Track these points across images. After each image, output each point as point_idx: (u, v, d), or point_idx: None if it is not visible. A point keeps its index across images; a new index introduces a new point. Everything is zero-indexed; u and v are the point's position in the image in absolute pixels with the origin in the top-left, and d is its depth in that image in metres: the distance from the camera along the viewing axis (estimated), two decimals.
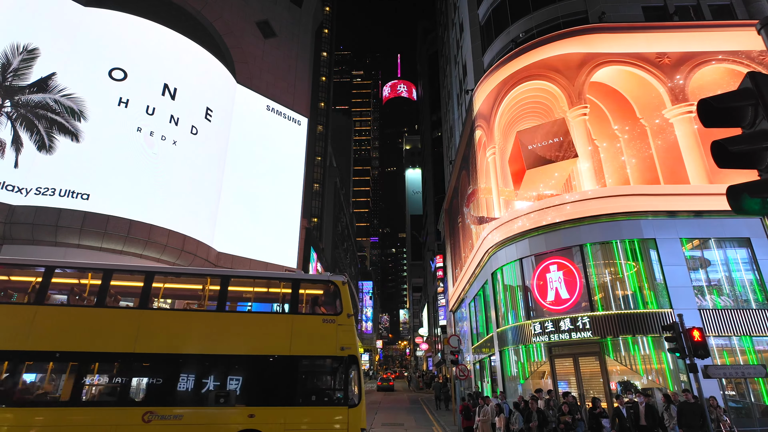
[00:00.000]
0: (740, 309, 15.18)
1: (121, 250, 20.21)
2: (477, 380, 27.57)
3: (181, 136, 23.61)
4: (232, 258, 25.56)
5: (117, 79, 22.24)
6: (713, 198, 15.96)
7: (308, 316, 10.76)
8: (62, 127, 20.35)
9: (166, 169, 22.56)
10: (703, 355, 10.25)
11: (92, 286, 10.33)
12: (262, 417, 9.42)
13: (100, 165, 20.65)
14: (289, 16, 35.34)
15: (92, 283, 10.36)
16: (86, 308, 10.08)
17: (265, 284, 11.99)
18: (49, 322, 9.45)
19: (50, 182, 19.56)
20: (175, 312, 11.43)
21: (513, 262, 19.64)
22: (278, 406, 9.59)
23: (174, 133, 23.32)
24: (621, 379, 16.09)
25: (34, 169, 19.49)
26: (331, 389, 10.08)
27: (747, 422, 13.73)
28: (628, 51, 18.91)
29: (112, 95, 21.91)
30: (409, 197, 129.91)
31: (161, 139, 22.69)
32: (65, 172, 19.93)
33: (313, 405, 9.77)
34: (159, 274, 10.91)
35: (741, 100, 2.83)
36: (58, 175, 19.78)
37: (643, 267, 16.43)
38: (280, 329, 10.33)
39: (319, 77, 55.52)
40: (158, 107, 23.05)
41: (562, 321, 16.52)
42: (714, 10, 20.81)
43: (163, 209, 22.01)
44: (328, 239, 50.88)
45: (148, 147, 22.22)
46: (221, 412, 9.35)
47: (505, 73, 21.23)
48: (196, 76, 25.47)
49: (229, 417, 9.32)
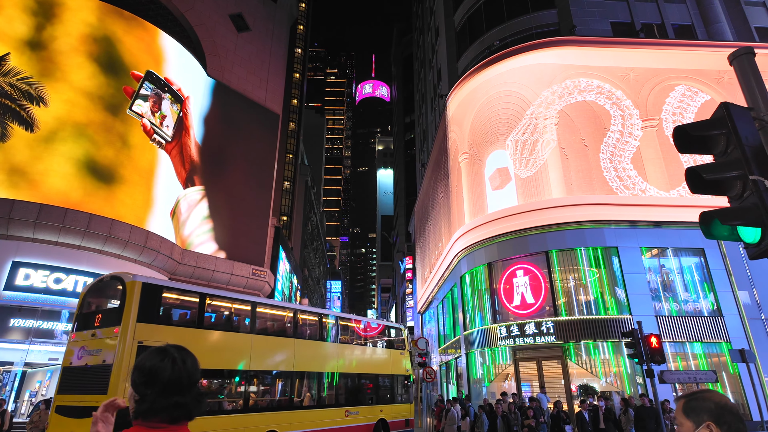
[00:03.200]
0: (693, 316, 15.95)
1: (79, 246, 19.31)
2: (442, 382, 27.86)
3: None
4: (196, 256, 24.87)
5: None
6: (671, 209, 16.75)
7: (395, 350, 18.51)
8: (17, 114, 19.24)
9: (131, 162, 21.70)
10: (659, 361, 10.69)
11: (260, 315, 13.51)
12: (386, 411, 16.51)
13: (58, 155, 19.66)
14: (264, 10, 34.74)
15: (261, 312, 13.67)
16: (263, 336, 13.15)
17: (380, 328, 18.95)
18: (261, 344, 12.80)
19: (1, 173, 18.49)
20: (336, 344, 15.59)
21: (481, 266, 19.95)
22: (388, 404, 16.86)
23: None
24: (581, 382, 16.61)
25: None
26: (402, 393, 17.93)
27: None
28: (597, 64, 19.54)
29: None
30: (380, 198, 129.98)
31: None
32: (20, 161, 18.87)
33: (400, 402, 17.65)
34: (301, 312, 15.05)
35: (714, 129, 2.95)
36: (10, 165, 18.71)
37: (605, 274, 17.02)
38: (386, 358, 17.94)
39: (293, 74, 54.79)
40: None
41: (527, 325, 16.89)
42: (676, 29, 21.79)
43: (123, 204, 21.18)
44: (298, 238, 50.26)
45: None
46: (371, 408, 15.83)
47: (480, 79, 21.54)
48: (166, 66, 24.63)
49: (373, 411, 15.87)
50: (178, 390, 1.56)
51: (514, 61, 20.38)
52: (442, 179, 27.19)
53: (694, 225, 16.58)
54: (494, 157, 20.62)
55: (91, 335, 10.07)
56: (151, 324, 10.13)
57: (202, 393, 1.68)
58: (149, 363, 1.58)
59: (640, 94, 18.97)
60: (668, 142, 18.31)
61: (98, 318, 10.39)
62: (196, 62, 27.05)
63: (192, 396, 1.59)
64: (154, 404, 1.52)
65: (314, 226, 67.18)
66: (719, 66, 19.22)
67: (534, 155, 19.02)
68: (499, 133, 21.03)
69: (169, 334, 10.51)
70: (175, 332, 10.74)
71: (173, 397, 1.54)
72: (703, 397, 1.58)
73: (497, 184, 20.09)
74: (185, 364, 1.61)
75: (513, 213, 18.59)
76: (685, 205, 16.79)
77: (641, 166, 18.13)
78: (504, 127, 21.46)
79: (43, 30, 20.44)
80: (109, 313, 10.30)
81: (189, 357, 1.65)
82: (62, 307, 18.60)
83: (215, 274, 25.53)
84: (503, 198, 19.76)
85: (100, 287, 11.29)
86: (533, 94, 19.64)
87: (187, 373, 1.60)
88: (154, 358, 1.60)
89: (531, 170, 19.06)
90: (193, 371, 1.63)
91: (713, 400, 1.55)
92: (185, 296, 11.72)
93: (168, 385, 1.55)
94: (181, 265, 23.89)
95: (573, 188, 17.90)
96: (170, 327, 10.86)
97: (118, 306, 10.12)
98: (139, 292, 9.96)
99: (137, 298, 9.91)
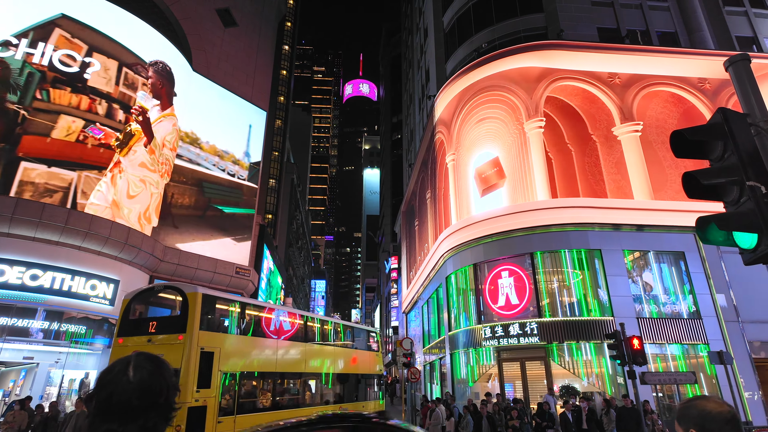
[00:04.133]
0: (673, 318, 16.26)
1: (58, 241, 18.79)
2: (427, 382, 27.91)
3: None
4: (179, 253, 24.45)
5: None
6: (653, 213, 17.05)
7: (373, 352, 20.47)
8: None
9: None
10: (641, 362, 10.85)
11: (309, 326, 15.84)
12: (367, 407, 18.28)
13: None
14: (252, 6, 34.35)
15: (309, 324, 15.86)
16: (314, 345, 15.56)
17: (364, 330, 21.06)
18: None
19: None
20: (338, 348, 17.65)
21: (467, 267, 20.03)
22: (372, 400, 18.99)
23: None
24: (563, 382, 16.79)
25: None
26: (376, 390, 19.82)
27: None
28: (583, 69, 19.78)
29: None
30: (366, 197, 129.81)
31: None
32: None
33: (375, 399, 19.49)
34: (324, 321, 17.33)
35: (711, 135, 2.96)
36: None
37: (589, 276, 17.23)
38: (369, 360, 19.94)
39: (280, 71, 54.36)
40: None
41: (511, 326, 17.01)
42: (661, 36, 22.20)
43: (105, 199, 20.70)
44: (283, 237, 49.85)
45: (93, 132, 20.80)
46: (355, 404, 17.17)
47: (468, 81, 21.61)
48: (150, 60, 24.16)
49: (357, 407, 16.98)
50: (117, 416, 1.17)
51: (503, 64, 20.50)
52: (429, 180, 27.23)
53: (676, 229, 16.93)
54: (481, 159, 20.72)
55: (147, 341, 10.77)
56: (209, 331, 11.12)
57: (159, 421, 1.23)
58: (100, 375, 1.25)
59: (624, 99, 19.26)
60: (651, 147, 18.64)
61: (153, 325, 11.25)
62: (181, 56, 26.59)
63: (137, 426, 1.18)
64: (91, 426, 1.18)
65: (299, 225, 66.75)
66: (702, 73, 19.65)
67: (520, 157, 19.16)
68: (487, 135, 21.15)
69: (223, 340, 11.54)
70: (227, 339, 11.81)
71: (109, 423, 1.17)
72: (692, 405, 1.61)
73: (484, 186, 20.19)
74: (137, 383, 1.21)
75: (499, 215, 18.70)
76: (667, 209, 17.11)
77: (624, 170, 18.41)
78: (491, 129, 21.58)
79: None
80: (169, 321, 11.30)
81: (146, 374, 1.23)
82: (38, 304, 18.08)
83: (198, 272, 25.13)
84: (490, 200, 19.87)
85: (149, 296, 12.18)
86: (520, 97, 19.79)
87: (137, 394, 1.19)
88: (109, 373, 1.24)
89: (517, 172, 19.20)
90: (147, 393, 1.21)
91: (698, 408, 1.58)
92: (231, 306, 12.66)
93: (104, 405, 1.18)
94: (163, 262, 23.46)
95: (558, 191, 18.09)
96: (223, 334, 11.84)
97: (179, 315, 10.97)
98: (200, 302, 10.84)
99: (198, 307, 10.77)
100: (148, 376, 1.23)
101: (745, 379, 14.95)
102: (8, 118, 19.33)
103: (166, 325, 11.16)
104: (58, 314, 18.59)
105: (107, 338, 20.79)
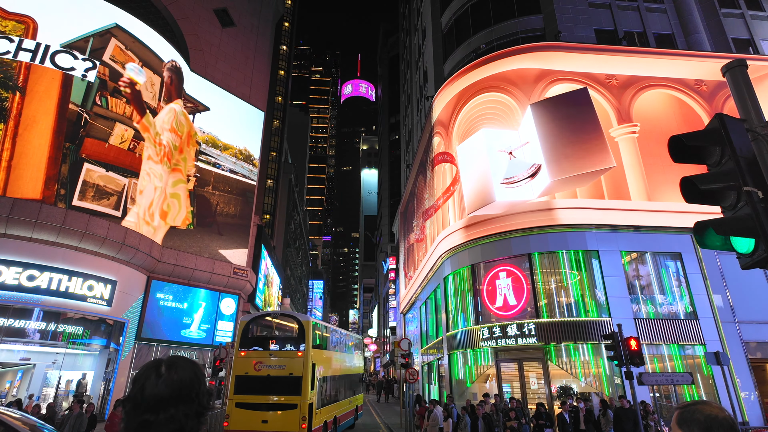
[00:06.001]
0: (670, 319, 16.32)
1: (55, 242, 18.72)
2: (425, 383, 27.94)
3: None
4: (176, 254, 24.40)
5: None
6: (651, 214, 17.12)
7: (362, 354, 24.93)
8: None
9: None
10: (638, 363, 10.89)
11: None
12: (356, 400, 21.06)
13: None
14: (249, 6, 34.30)
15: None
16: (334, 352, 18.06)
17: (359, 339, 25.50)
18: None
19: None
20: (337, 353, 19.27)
21: (465, 267, 20.06)
22: (359, 395, 22.17)
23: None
24: (561, 383, 16.83)
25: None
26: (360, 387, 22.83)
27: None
28: (580, 70, 19.84)
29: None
30: (364, 197, 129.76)
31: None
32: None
33: (360, 394, 22.56)
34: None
35: (709, 140, 2.99)
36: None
37: (586, 277, 17.28)
38: (359, 361, 23.87)
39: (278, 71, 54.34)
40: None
41: (509, 327, 17.05)
42: (657, 38, 22.29)
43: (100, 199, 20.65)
44: (280, 237, 49.80)
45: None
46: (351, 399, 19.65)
47: (466, 82, 21.65)
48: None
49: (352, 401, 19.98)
50: (149, 406, 1.33)
51: (501, 65, 20.55)
52: (427, 180, 27.26)
53: (673, 230, 16.99)
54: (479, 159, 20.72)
55: (269, 355, 13.75)
56: (316, 349, 14.45)
57: (190, 414, 1.37)
58: (135, 376, 1.42)
59: (621, 100, 19.33)
60: (647, 149, 18.70)
61: (271, 342, 14.58)
62: (179, 56, 26.53)
63: (168, 415, 1.32)
64: (127, 422, 1.34)
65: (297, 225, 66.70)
66: (698, 75, 19.75)
67: (518, 158, 19.18)
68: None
69: (321, 355, 15.19)
70: (323, 354, 15.53)
71: (143, 414, 1.33)
72: (696, 408, 1.61)
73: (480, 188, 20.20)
74: (167, 377, 1.38)
75: (497, 215, 18.73)
76: (664, 210, 17.18)
77: (621, 171, 18.47)
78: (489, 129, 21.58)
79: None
80: (288, 341, 14.83)
81: (176, 371, 1.40)
82: (35, 305, 18.02)
83: (195, 272, 25.09)
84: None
85: (264, 322, 15.95)
86: (518, 98, 19.83)
87: (167, 387, 1.36)
88: (141, 371, 1.42)
89: (514, 172, 19.21)
90: (176, 386, 1.37)
91: (704, 412, 1.57)
92: (322, 330, 16.28)
93: (137, 398, 1.35)
94: (160, 263, 23.40)
95: (556, 191, 18.12)
96: (322, 350, 15.56)
97: (296, 336, 14.63)
98: (312, 328, 14.34)
99: (311, 332, 14.22)
100: (178, 371, 1.39)
101: (742, 380, 15.04)
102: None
103: (285, 343, 14.63)
104: (55, 315, 18.53)
105: (104, 339, 20.73)
